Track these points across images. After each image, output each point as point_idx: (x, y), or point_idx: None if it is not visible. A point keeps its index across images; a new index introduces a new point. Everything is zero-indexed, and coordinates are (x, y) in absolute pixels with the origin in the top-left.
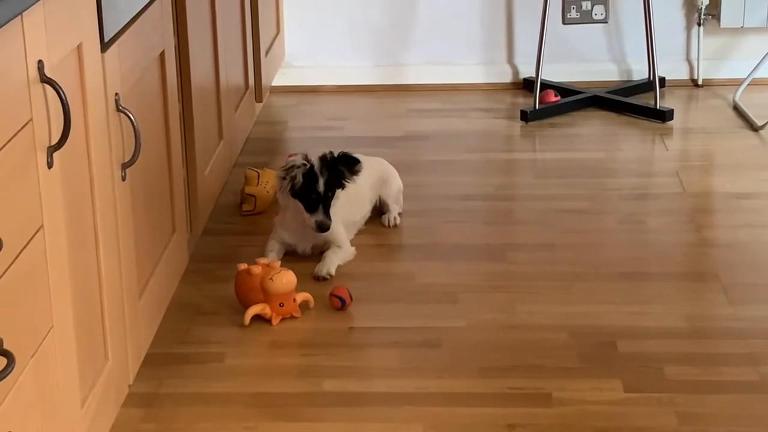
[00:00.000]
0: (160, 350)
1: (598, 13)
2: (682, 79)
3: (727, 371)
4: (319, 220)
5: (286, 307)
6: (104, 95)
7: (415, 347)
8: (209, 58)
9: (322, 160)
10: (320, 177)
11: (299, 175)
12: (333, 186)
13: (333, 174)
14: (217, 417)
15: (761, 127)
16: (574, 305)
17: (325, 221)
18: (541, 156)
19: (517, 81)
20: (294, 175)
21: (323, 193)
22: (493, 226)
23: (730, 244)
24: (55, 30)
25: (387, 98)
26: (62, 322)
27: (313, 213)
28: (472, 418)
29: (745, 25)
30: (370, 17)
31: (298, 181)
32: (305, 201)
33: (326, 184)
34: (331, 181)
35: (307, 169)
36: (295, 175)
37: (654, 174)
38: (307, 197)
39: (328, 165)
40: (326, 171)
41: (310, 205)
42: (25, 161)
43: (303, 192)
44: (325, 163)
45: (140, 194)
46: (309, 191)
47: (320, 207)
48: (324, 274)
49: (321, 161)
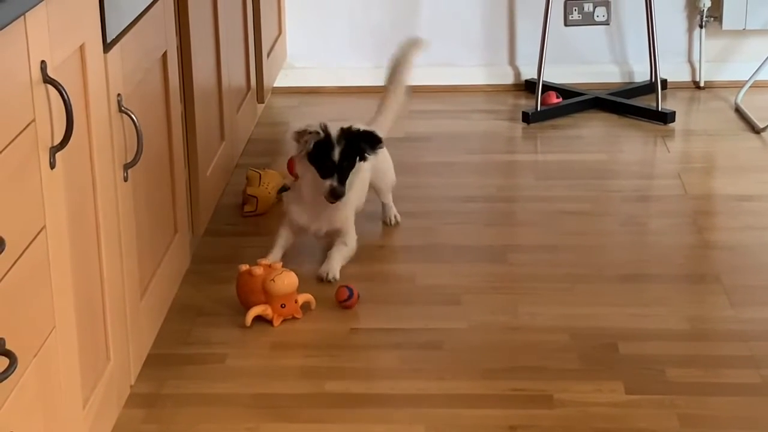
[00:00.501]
0: (161, 351)
1: (599, 14)
2: (683, 81)
3: (728, 373)
4: (334, 186)
5: (288, 308)
6: (107, 96)
7: (416, 348)
8: (211, 59)
9: (342, 131)
10: (336, 146)
11: (311, 142)
12: (350, 157)
13: (351, 146)
14: (218, 418)
15: (763, 130)
16: (576, 307)
17: (340, 188)
18: (543, 157)
19: (519, 83)
20: (306, 140)
21: (338, 162)
22: (495, 227)
23: (732, 246)
24: (58, 30)
25: None
26: (64, 322)
27: (326, 179)
28: (473, 420)
29: (747, 27)
30: (372, 18)
31: (309, 147)
32: (320, 167)
33: (342, 154)
34: (347, 152)
35: (321, 137)
36: (306, 140)
37: (655, 176)
38: (321, 164)
39: (348, 137)
40: (344, 141)
41: (325, 171)
42: (28, 162)
43: (317, 158)
44: (344, 134)
45: (142, 195)
46: (324, 158)
47: (335, 174)
48: (329, 278)
49: (341, 132)
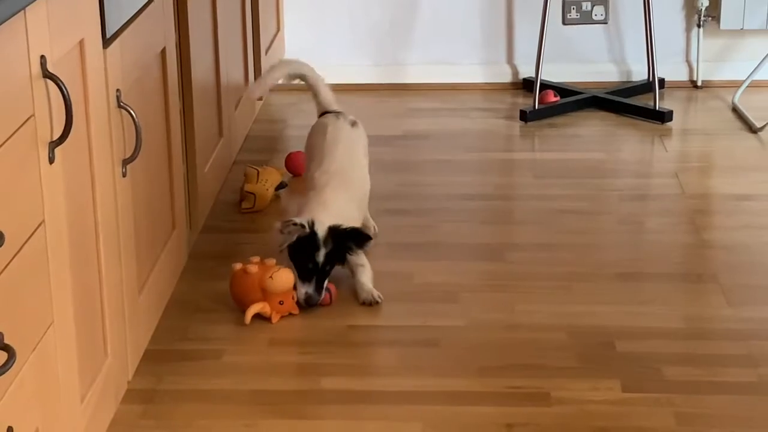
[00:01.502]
0: (159, 347)
1: (598, 13)
2: (681, 81)
3: (725, 372)
4: (309, 293)
5: (286, 305)
6: (105, 91)
7: (414, 346)
8: (210, 55)
9: (331, 231)
10: (322, 247)
11: (294, 236)
12: (334, 260)
13: (338, 247)
14: (215, 414)
15: (760, 129)
16: (573, 305)
17: (315, 296)
18: (541, 156)
19: (517, 81)
20: (289, 231)
21: (321, 265)
22: (493, 225)
23: (729, 246)
24: (58, 25)
25: (387, 97)
26: (63, 317)
27: (304, 283)
28: (470, 417)
29: (744, 27)
30: (371, 16)
31: (291, 240)
32: (300, 267)
33: (327, 257)
34: (333, 254)
35: (307, 234)
36: (290, 232)
37: (653, 175)
38: (302, 264)
39: (335, 237)
40: (331, 243)
41: (304, 273)
42: (27, 156)
43: (299, 257)
44: (332, 234)
45: (140, 190)
46: (306, 259)
47: (314, 279)
48: (376, 299)
49: (329, 232)
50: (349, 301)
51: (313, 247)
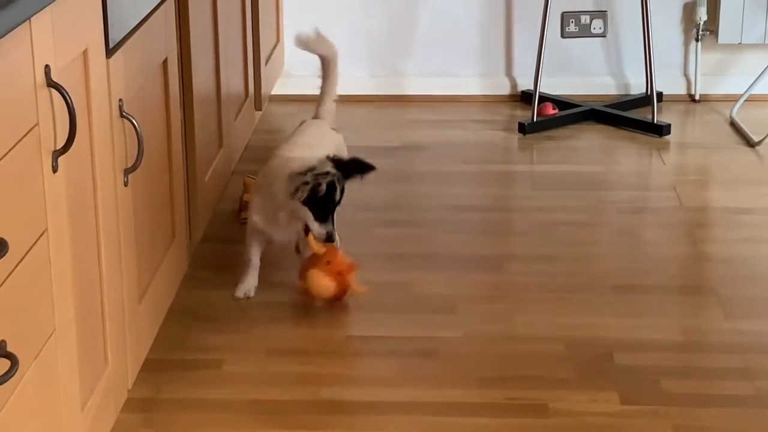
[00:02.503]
0: (158, 356)
1: (596, 27)
2: (679, 94)
3: (722, 385)
4: (330, 231)
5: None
6: (108, 101)
7: (412, 357)
8: (211, 66)
9: (341, 168)
10: (338, 186)
11: (324, 185)
12: (343, 195)
13: (346, 181)
14: (215, 423)
15: (758, 143)
16: (571, 317)
17: (335, 232)
18: (539, 168)
19: (516, 93)
20: (319, 182)
21: (339, 203)
22: (491, 237)
23: (727, 259)
24: (62, 35)
25: (385, 108)
26: (64, 325)
27: (323, 223)
28: (468, 428)
29: (742, 41)
30: (370, 28)
31: (322, 189)
32: (319, 211)
33: (342, 193)
34: (344, 190)
35: (333, 178)
36: (320, 183)
37: (651, 188)
38: (322, 207)
39: (345, 172)
40: (343, 180)
41: (323, 215)
42: (31, 165)
43: (320, 201)
44: (343, 170)
45: (142, 200)
46: (326, 201)
47: (330, 217)
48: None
49: (340, 169)
50: (347, 311)
51: (332, 189)
